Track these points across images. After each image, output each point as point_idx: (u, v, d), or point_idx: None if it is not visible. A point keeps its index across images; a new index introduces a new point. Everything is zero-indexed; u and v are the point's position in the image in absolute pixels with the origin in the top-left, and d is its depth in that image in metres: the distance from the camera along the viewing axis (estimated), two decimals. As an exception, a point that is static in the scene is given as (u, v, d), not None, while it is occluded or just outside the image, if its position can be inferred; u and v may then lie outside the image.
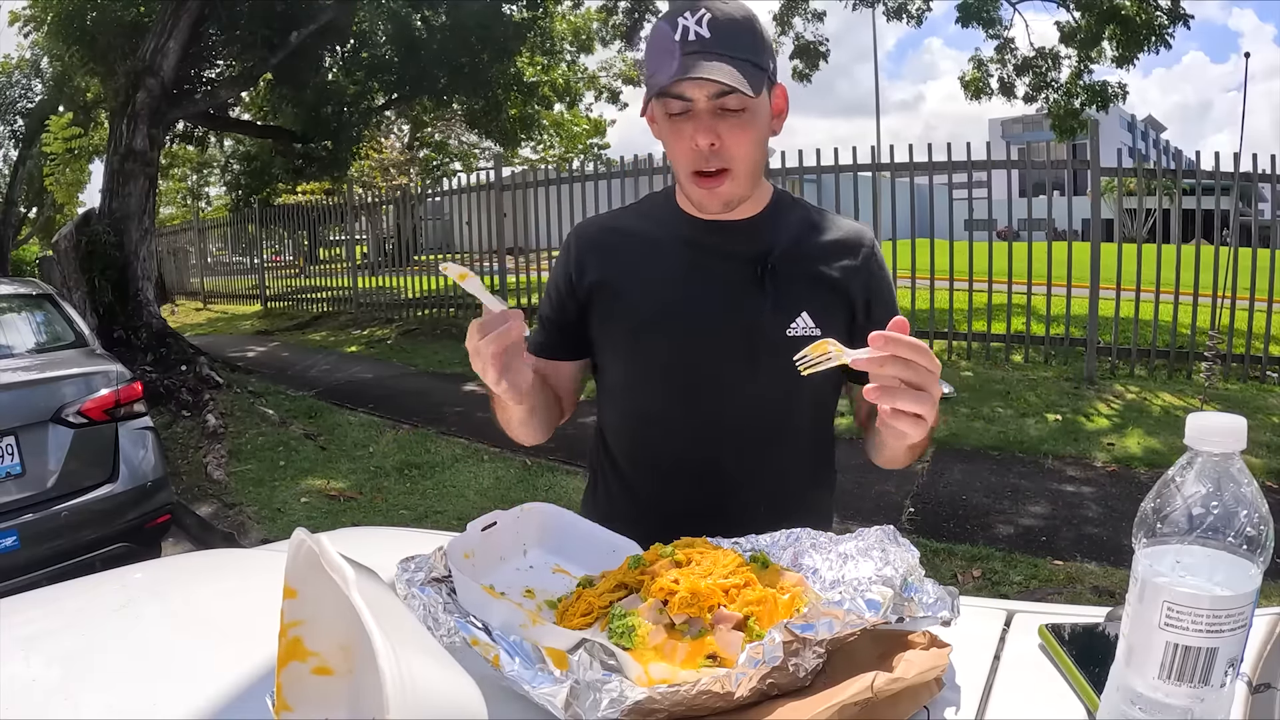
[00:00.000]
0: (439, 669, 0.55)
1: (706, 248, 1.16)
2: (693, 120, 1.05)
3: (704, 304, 1.14)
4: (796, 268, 1.14)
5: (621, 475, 1.24)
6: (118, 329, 7.23)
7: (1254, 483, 0.54)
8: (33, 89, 17.73)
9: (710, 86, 1.02)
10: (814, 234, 1.17)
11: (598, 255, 1.21)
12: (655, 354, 1.17)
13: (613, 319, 1.19)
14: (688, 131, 1.05)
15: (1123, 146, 7.53)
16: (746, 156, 1.08)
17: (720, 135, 1.04)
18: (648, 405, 1.20)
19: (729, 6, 1.05)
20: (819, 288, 1.14)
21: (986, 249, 6.69)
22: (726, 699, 0.62)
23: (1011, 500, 4.17)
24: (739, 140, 1.06)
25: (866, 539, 0.81)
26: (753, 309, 1.12)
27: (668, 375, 1.16)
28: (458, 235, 11.18)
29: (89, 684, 0.80)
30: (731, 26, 1.03)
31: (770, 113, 1.10)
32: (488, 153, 18.55)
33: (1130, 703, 0.57)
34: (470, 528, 0.85)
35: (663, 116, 1.08)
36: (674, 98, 1.04)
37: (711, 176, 1.07)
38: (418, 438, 5.60)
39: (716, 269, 1.15)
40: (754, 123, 1.06)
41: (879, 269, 1.18)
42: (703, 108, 1.04)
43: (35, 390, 3.23)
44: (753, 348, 1.12)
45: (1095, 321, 6.32)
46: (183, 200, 25.32)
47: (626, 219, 1.26)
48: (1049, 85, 9.11)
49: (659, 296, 1.16)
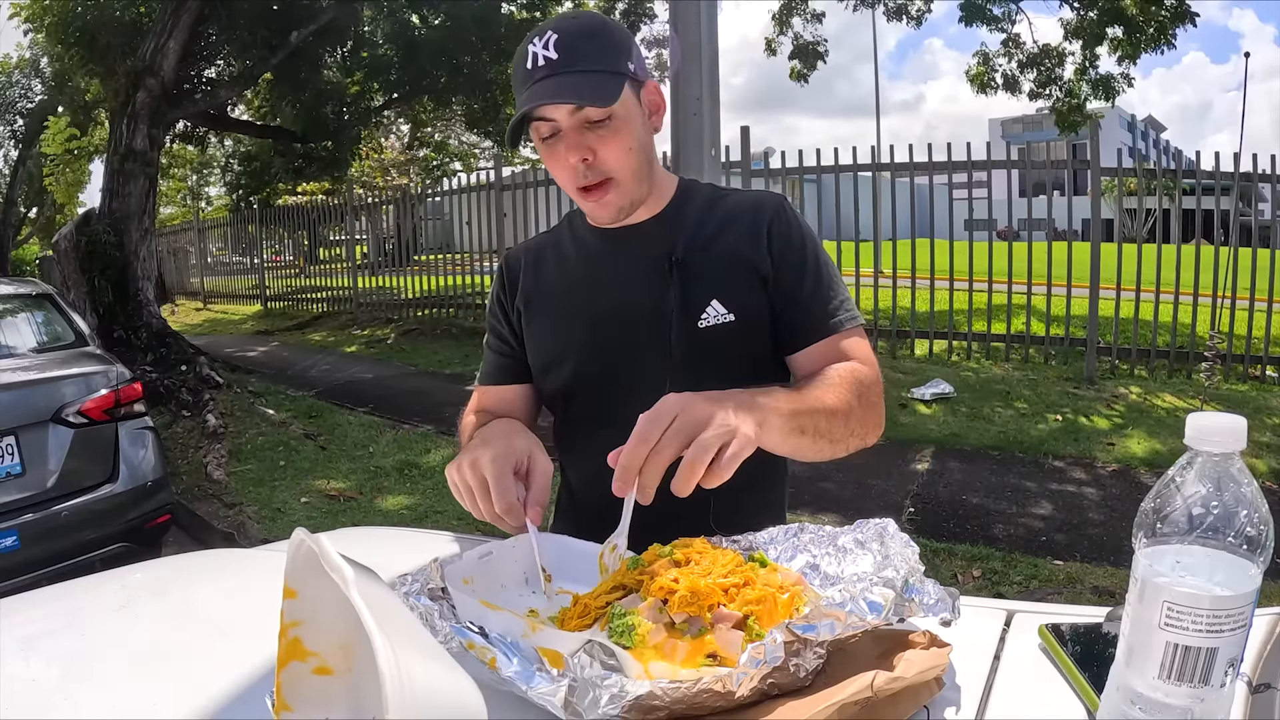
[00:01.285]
0: (439, 669, 0.55)
1: (611, 256, 1.17)
2: (563, 140, 1.06)
3: (613, 311, 1.15)
4: (703, 257, 1.13)
5: (568, 481, 1.27)
6: (118, 329, 7.23)
7: (1254, 483, 0.54)
8: (33, 89, 17.75)
9: (569, 105, 1.03)
10: (716, 217, 1.16)
11: (518, 277, 1.24)
12: (575, 367, 1.18)
13: (533, 338, 1.21)
14: (560, 152, 1.06)
15: (1123, 146, 7.54)
16: (624, 163, 1.08)
17: (592, 148, 1.05)
18: (577, 415, 1.21)
19: (577, 21, 1.06)
20: (727, 271, 1.13)
21: (986, 249, 6.69)
22: (727, 698, 0.62)
23: (1011, 500, 4.17)
24: (611, 148, 1.06)
25: (865, 532, 0.81)
26: (662, 307, 1.12)
27: (589, 386, 1.18)
28: (458, 235, 11.18)
29: (89, 684, 0.80)
30: (578, 42, 1.04)
31: (644, 111, 1.10)
32: (487, 153, 18.55)
33: (1130, 703, 0.57)
34: (466, 556, 0.85)
35: (538, 141, 1.09)
36: (539, 120, 1.05)
37: (595, 189, 1.08)
38: (418, 438, 5.60)
39: (623, 274, 1.16)
40: (624, 128, 1.06)
41: (784, 229, 1.14)
42: (568, 125, 1.05)
43: (35, 390, 3.23)
44: (666, 345, 1.12)
45: (1095, 321, 6.32)
46: (183, 200, 25.33)
47: (543, 239, 1.28)
48: (1054, 81, 9.11)
49: (571, 311, 1.18)
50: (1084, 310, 6.46)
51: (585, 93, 1.03)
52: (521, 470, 0.96)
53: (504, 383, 1.25)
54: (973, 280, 6.90)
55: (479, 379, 1.30)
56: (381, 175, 18.80)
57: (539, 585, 0.88)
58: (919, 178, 7.06)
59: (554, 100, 1.02)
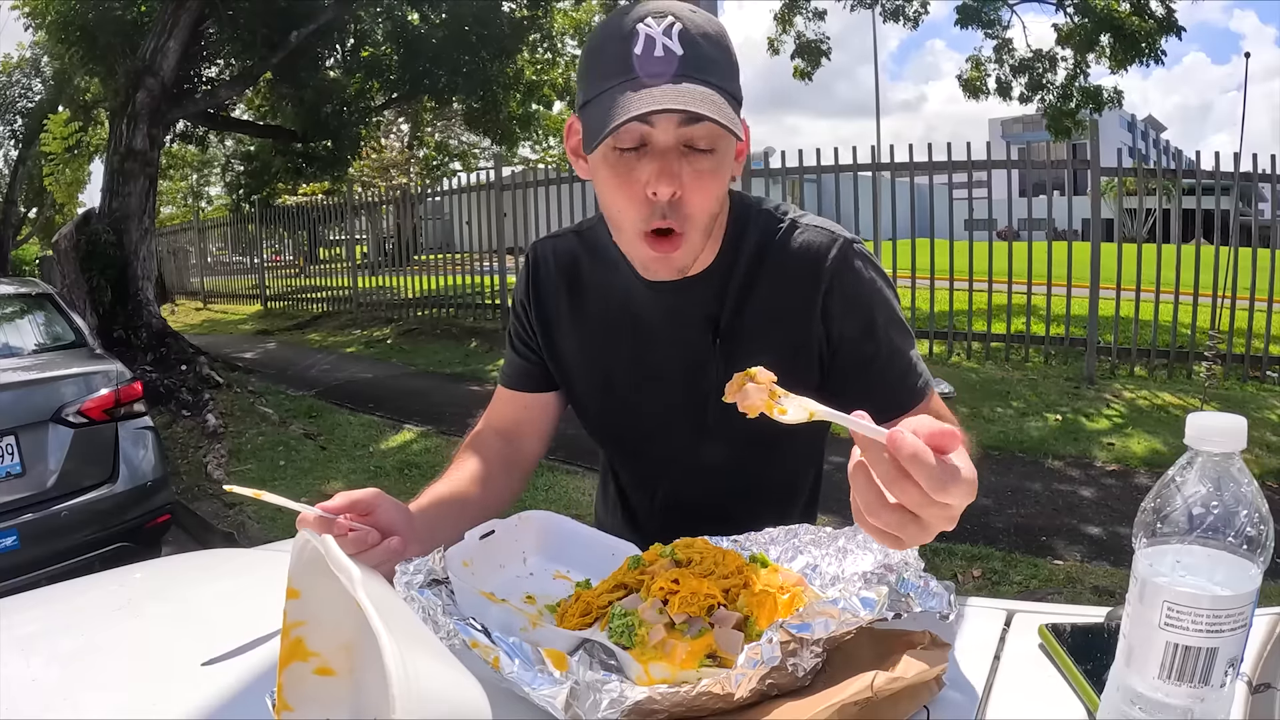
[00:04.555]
0: (444, 669, 0.55)
1: (653, 308, 1.00)
2: (651, 160, 0.83)
3: (650, 374, 1.03)
4: (750, 327, 0.98)
5: (616, 476, 1.21)
6: (118, 329, 7.23)
7: (1254, 482, 0.54)
8: (33, 89, 17.75)
9: (677, 117, 0.81)
10: (767, 274, 0.97)
11: (549, 290, 1.08)
12: (605, 427, 1.10)
13: (558, 366, 1.10)
14: (641, 174, 0.84)
15: (1123, 146, 7.54)
16: (705, 211, 0.87)
17: (684, 183, 0.84)
18: (612, 466, 1.17)
19: (698, 17, 0.84)
20: (775, 337, 0.97)
21: (986, 249, 6.69)
22: (726, 700, 0.62)
23: (1011, 500, 4.16)
24: (699, 191, 0.85)
25: (865, 533, 0.81)
26: (702, 383, 0.99)
27: (621, 449, 1.12)
28: (457, 235, 11.17)
29: (89, 684, 0.80)
30: (706, 45, 0.83)
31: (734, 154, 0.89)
32: (487, 152, 18.55)
33: (1130, 703, 0.57)
34: (468, 536, 0.85)
35: (609, 150, 0.85)
36: (636, 122, 0.81)
37: (665, 239, 0.86)
38: (418, 438, 5.60)
39: (663, 333, 1.01)
40: (721, 168, 0.86)
41: (843, 297, 0.95)
42: (665, 144, 0.83)
43: (35, 390, 3.23)
44: (702, 419, 1.01)
45: (1095, 321, 6.32)
46: (183, 200, 25.34)
47: (576, 247, 1.08)
48: (1045, 86, 9.16)
49: (601, 358, 1.05)
50: (1084, 310, 6.46)
51: (722, 113, 0.81)
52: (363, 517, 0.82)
53: (526, 390, 1.13)
54: (973, 280, 6.89)
55: (500, 377, 1.17)
56: (381, 175, 18.80)
57: (536, 565, 0.89)
58: (919, 178, 7.05)
59: (691, 110, 0.79)
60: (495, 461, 1.07)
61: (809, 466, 1.15)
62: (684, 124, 0.82)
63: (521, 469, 1.13)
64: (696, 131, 0.83)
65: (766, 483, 1.08)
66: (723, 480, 1.07)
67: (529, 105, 13.17)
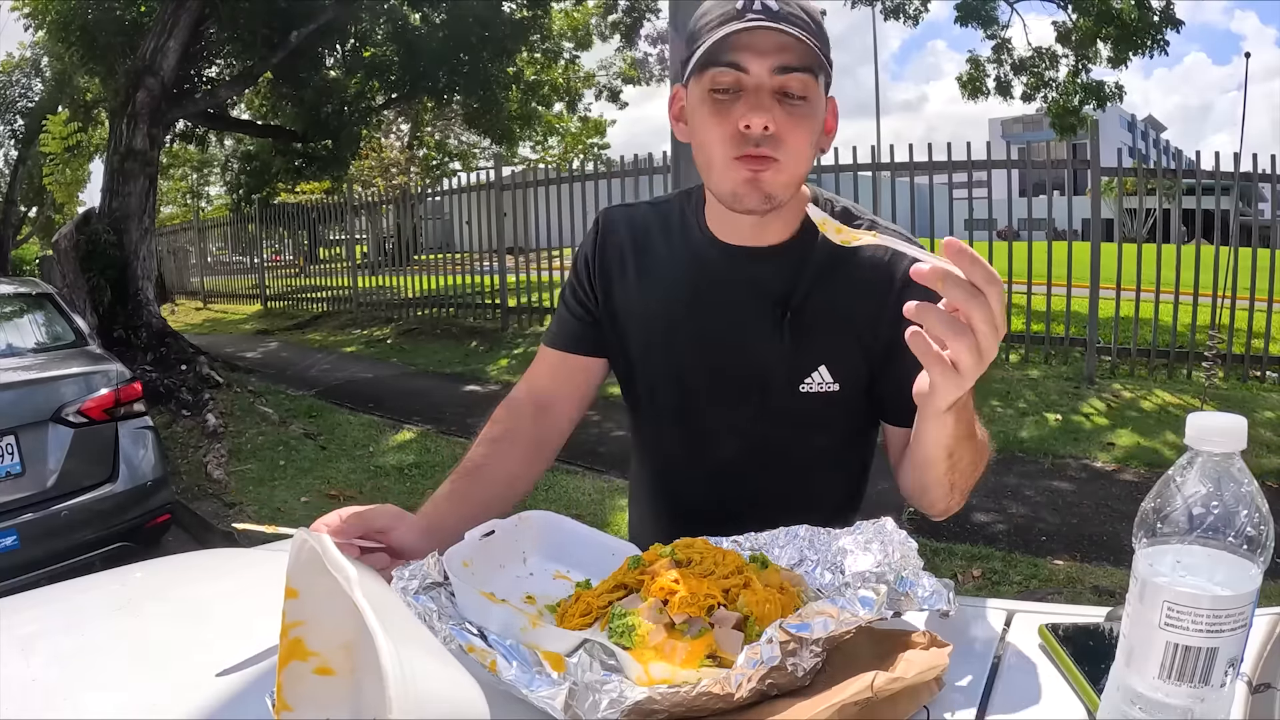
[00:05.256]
0: (442, 669, 0.55)
1: (725, 282, 1.03)
2: (745, 99, 0.89)
3: (713, 350, 1.04)
4: (820, 312, 1.00)
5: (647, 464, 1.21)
6: (118, 329, 7.23)
7: (1254, 482, 0.54)
8: (33, 89, 17.74)
9: (773, 59, 0.87)
10: (842, 269, 1.00)
11: (617, 251, 1.10)
12: (656, 391, 1.10)
13: (616, 333, 1.10)
14: (735, 111, 0.89)
15: (1123, 146, 7.54)
16: (800, 153, 0.91)
17: (776, 120, 0.88)
18: (656, 439, 1.15)
19: None
20: (842, 336, 1.00)
21: (986, 249, 6.69)
22: (726, 700, 0.62)
23: (1012, 500, 4.16)
24: (794, 130, 0.89)
25: (865, 532, 0.81)
26: (767, 359, 1.01)
27: (671, 415, 1.10)
28: (457, 235, 11.17)
29: (89, 684, 0.79)
30: (805, 14, 0.89)
31: (823, 121, 0.95)
32: (487, 152, 18.55)
33: (1130, 703, 0.57)
34: (468, 536, 0.85)
35: (702, 97, 0.91)
36: (726, 66, 0.88)
37: (758, 158, 0.90)
38: (418, 438, 5.60)
39: (732, 310, 1.03)
40: (813, 117, 0.91)
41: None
42: (761, 83, 0.88)
43: (35, 390, 3.23)
44: (761, 401, 1.03)
45: (1095, 321, 6.32)
46: (183, 200, 25.33)
47: (649, 216, 1.11)
48: (1046, 85, 9.14)
49: (667, 329, 1.06)
50: (1084, 310, 6.46)
51: (813, 59, 0.88)
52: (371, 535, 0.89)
53: (571, 350, 1.12)
54: (973, 280, 6.88)
55: (546, 338, 1.16)
56: (381, 175, 18.80)
57: (536, 565, 0.89)
58: (919, 177, 7.05)
59: (781, 28, 0.85)
60: (525, 443, 1.09)
61: (856, 461, 1.13)
62: (777, 72, 0.88)
63: (552, 445, 1.13)
64: (791, 81, 0.88)
65: (815, 465, 1.08)
66: (771, 458, 1.06)
67: (529, 105, 13.18)
